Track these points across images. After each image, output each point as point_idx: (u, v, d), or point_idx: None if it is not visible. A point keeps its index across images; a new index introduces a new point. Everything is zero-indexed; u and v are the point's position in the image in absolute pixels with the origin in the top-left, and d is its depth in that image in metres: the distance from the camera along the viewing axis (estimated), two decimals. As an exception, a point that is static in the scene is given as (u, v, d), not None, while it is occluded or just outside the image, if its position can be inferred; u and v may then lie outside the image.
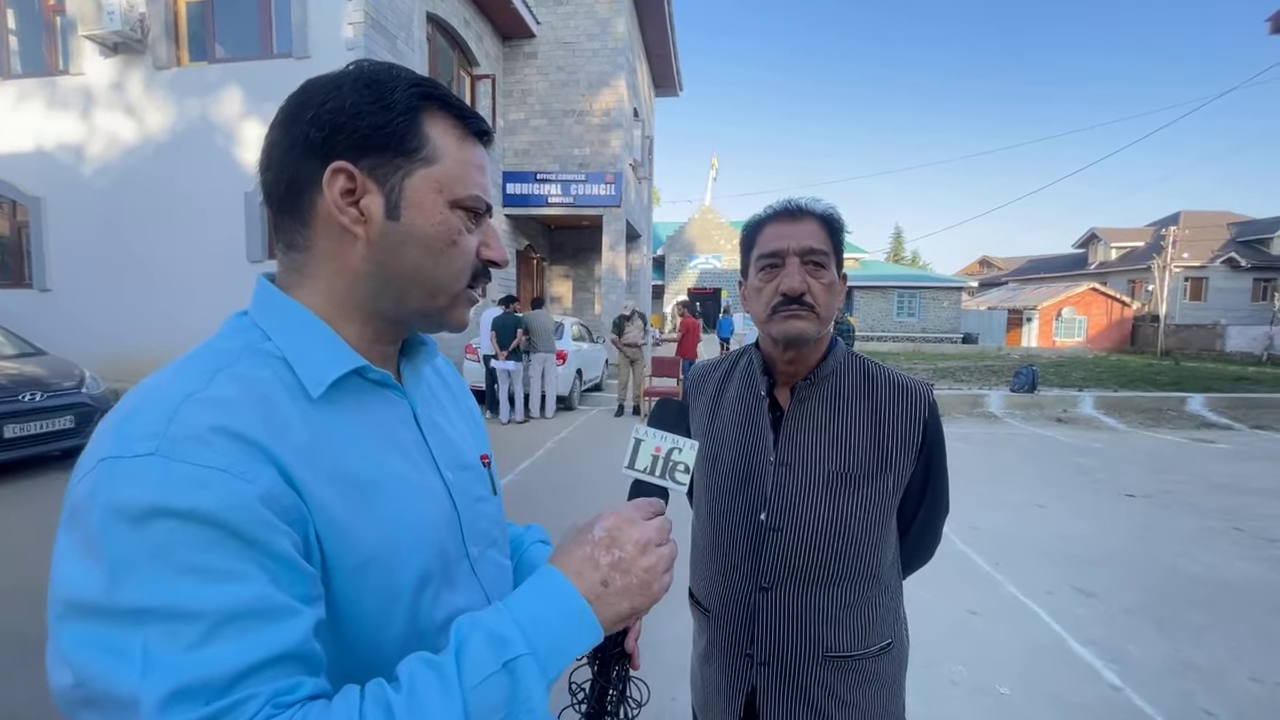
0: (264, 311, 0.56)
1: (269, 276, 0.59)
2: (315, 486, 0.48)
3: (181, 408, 0.44)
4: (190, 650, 0.37)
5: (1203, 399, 9.98)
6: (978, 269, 45.32)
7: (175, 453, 0.42)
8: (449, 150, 0.56)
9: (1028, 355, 19.81)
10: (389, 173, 0.54)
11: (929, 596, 3.13)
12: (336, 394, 0.54)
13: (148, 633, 0.37)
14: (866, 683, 0.98)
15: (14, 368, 5.27)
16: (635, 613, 0.54)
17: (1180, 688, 2.44)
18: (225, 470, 0.42)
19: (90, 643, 0.38)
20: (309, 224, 0.55)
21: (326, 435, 0.51)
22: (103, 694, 0.37)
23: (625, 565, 0.53)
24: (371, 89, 0.54)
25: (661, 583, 0.55)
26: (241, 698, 0.38)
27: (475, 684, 0.44)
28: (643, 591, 0.53)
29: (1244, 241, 27.76)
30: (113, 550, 0.39)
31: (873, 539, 0.97)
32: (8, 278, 9.52)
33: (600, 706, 0.63)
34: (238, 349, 0.53)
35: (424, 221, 0.55)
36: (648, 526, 0.56)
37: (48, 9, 9.00)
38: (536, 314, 8.35)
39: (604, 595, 0.52)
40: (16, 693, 2.23)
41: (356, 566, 0.50)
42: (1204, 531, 4.30)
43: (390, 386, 0.60)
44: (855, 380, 1.02)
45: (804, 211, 0.97)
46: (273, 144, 0.56)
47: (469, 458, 0.67)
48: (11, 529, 3.88)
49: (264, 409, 0.48)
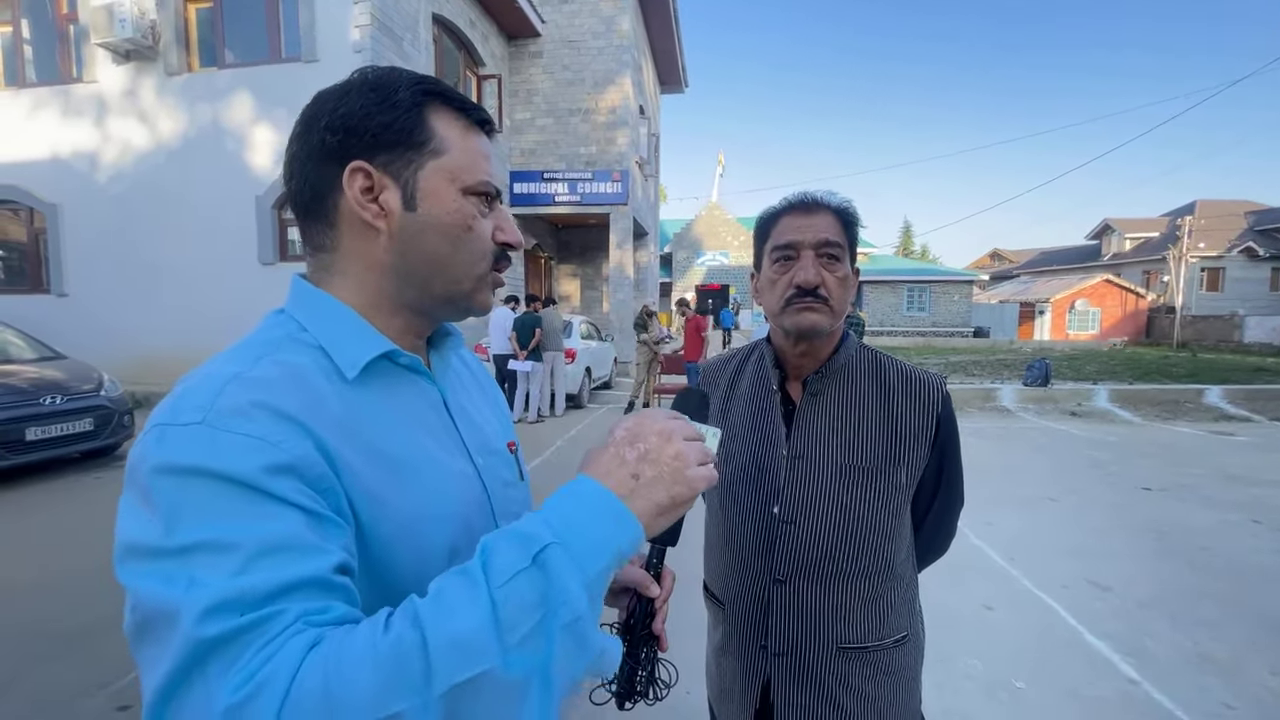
0: (299, 306, 0.60)
1: (301, 276, 0.63)
2: (350, 458, 0.51)
3: (228, 386, 0.48)
4: (230, 576, 0.41)
5: (1220, 391, 9.83)
6: (988, 262, 44.87)
7: (219, 423, 0.46)
8: (455, 141, 0.60)
9: (1040, 349, 19.60)
10: (402, 167, 0.57)
11: (943, 591, 3.12)
12: (369, 378, 0.57)
13: (194, 563, 0.41)
14: (882, 674, 0.98)
15: (35, 372, 5.37)
16: (675, 502, 0.52)
17: (1198, 681, 2.42)
18: (263, 439, 0.46)
19: (145, 575, 0.42)
20: (334, 224, 0.59)
21: (361, 414, 0.54)
22: (152, 613, 0.41)
23: (652, 456, 0.52)
24: (377, 91, 0.58)
25: (696, 473, 0.53)
26: (272, 612, 0.40)
27: (503, 582, 0.42)
28: (677, 479, 0.52)
29: (1262, 230, 27.26)
30: (164, 500, 0.43)
31: (886, 532, 0.97)
32: (26, 283, 9.69)
33: (630, 686, 0.64)
34: (279, 339, 0.56)
35: (440, 209, 0.59)
36: (671, 421, 0.56)
37: (61, 18, 9.13)
38: (546, 312, 8.38)
39: (636, 489, 0.50)
40: (47, 683, 2.29)
41: (391, 534, 0.52)
42: (1222, 524, 4.24)
43: (420, 372, 0.63)
44: (867, 373, 1.02)
45: (819, 204, 0.97)
46: (293, 155, 0.60)
47: (497, 444, 0.70)
48: (35, 529, 3.96)
49: (302, 389, 0.51)
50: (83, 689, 2.28)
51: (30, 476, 4.98)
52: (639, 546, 0.50)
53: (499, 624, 0.41)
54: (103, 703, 2.21)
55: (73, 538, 3.78)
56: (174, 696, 0.39)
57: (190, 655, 0.38)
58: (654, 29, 14.87)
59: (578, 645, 0.44)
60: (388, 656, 0.39)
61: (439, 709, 0.39)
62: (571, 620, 0.43)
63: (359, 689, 0.38)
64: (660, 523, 0.52)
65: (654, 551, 0.67)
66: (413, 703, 0.38)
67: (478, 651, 0.40)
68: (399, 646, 0.40)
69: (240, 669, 0.38)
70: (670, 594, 0.68)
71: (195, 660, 0.38)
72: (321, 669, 0.38)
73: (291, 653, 0.39)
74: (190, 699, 0.38)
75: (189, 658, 0.38)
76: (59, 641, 2.59)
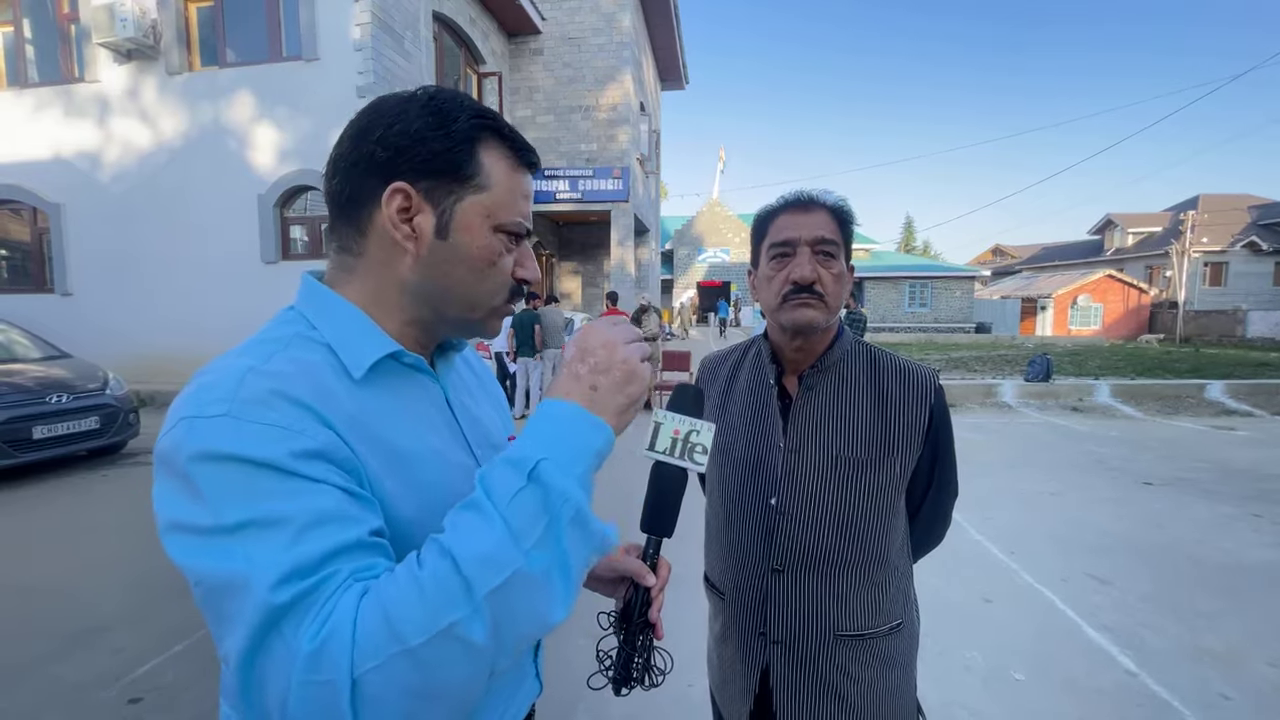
0: (309, 304, 0.62)
1: (315, 274, 0.65)
2: (362, 451, 0.54)
3: (246, 378, 0.51)
4: (284, 549, 0.46)
5: (1223, 386, 9.82)
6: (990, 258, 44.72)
7: (243, 413, 0.49)
8: (500, 179, 0.61)
9: (1042, 344, 19.57)
10: (443, 196, 0.59)
11: (943, 584, 3.14)
12: (375, 377, 0.59)
13: (248, 539, 0.46)
14: (877, 661, 1.00)
15: (41, 370, 5.41)
16: (634, 401, 0.58)
17: (1197, 673, 2.43)
18: (287, 428, 0.49)
19: (200, 553, 0.47)
20: (365, 233, 0.61)
21: (369, 410, 0.57)
22: (218, 586, 0.46)
23: (603, 366, 0.57)
24: (436, 115, 0.59)
25: (644, 369, 0.59)
26: (330, 573, 0.46)
27: (507, 501, 0.48)
28: (631, 380, 0.58)
29: (1265, 225, 27.15)
30: (207, 485, 0.47)
31: (881, 522, 1.00)
32: (30, 283, 9.74)
33: (626, 672, 0.66)
34: (289, 336, 0.58)
35: (470, 243, 0.61)
36: (613, 329, 0.60)
37: (62, 18, 9.15)
38: (547, 310, 8.40)
39: (596, 398, 0.56)
40: (58, 678, 2.32)
41: (399, 527, 0.55)
42: (1222, 518, 4.26)
43: (423, 371, 0.65)
44: (862, 367, 1.04)
45: (815, 202, 1.00)
46: (340, 155, 0.61)
47: (497, 438, 0.73)
48: (42, 526, 3.99)
49: (315, 383, 0.54)
50: (94, 683, 2.31)
51: (37, 474, 5.02)
52: (613, 445, 0.56)
53: (514, 534, 0.47)
54: (114, 695, 2.25)
55: (80, 535, 3.82)
56: (259, 652, 0.45)
57: (266, 619, 0.44)
58: (654, 25, 14.84)
59: (583, 532, 0.50)
60: (430, 583, 0.45)
61: (485, 611, 0.46)
62: (574, 514, 0.50)
63: (414, 613, 0.44)
64: (624, 420, 0.57)
65: (650, 542, 0.69)
66: (463, 612, 0.45)
67: (502, 560, 0.47)
68: (437, 573, 0.46)
69: (310, 623, 0.44)
70: (666, 583, 0.70)
71: (271, 623, 0.44)
72: (378, 607, 0.45)
73: (348, 602, 0.45)
74: (273, 654, 0.44)
75: (265, 622, 0.44)
76: (68, 637, 2.63)
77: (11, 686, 2.28)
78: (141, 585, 3.12)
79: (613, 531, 0.53)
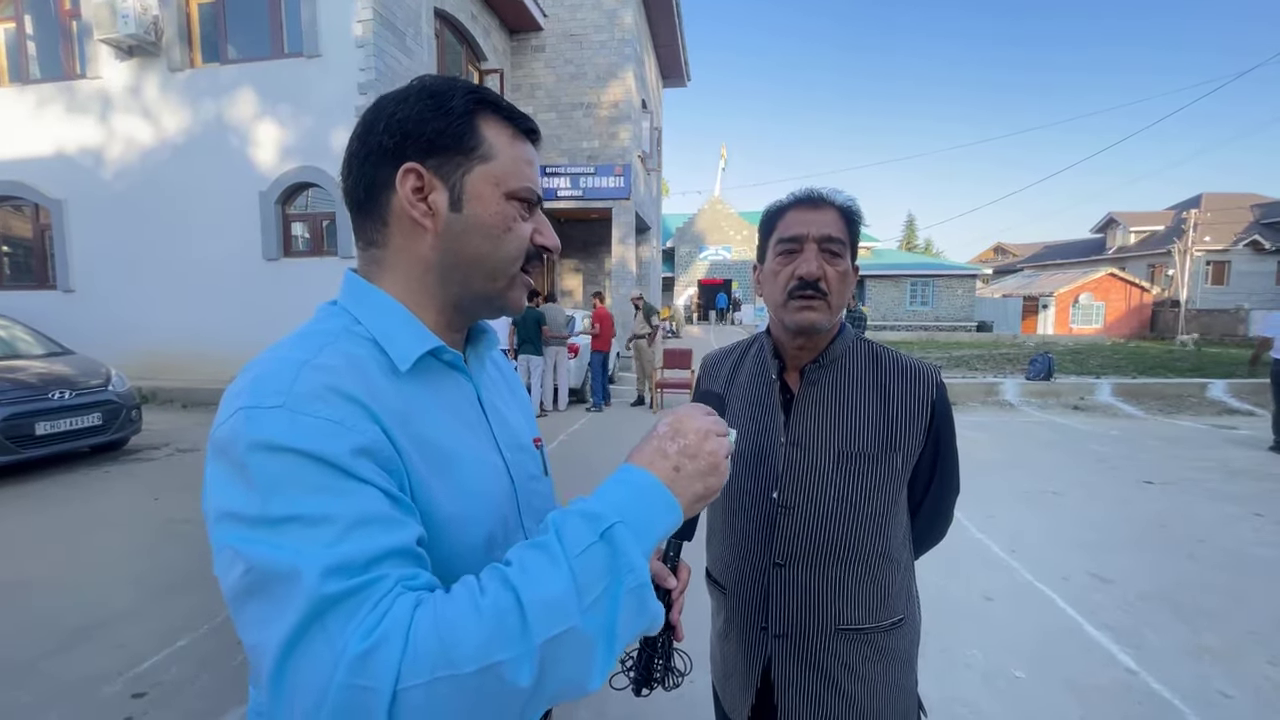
0: (352, 299, 0.63)
1: (353, 271, 0.66)
2: (407, 447, 0.55)
3: (301, 371, 0.52)
4: (329, 545, 0.46)
5: (1224, 385, 9.81)
6: (992, 256, 44.66)
7: (299, 406, 0.49)
8: (502, 148, 0.63)
9: (1044, 343, 19.54)
10: (451, 170, 0.62)
11: (944, 581, 3.14)
12: (416, 372, 0.61)
13: (296, 532, 0.46)
14: (879, 656, 1.01)
15: (43, 367, 5.42)
16: (709, 493, 0.58)
17: (1197, 671, 2.44)
18: (340, 423, 0.50)
19: (253, 541, 0.46)
20: (386, 222, 0.63)
21: (412, 405, 0.58)
22: (268, 574, 0.45)
23: (691, 451, 0.58)
24: (434, 98, 0.62)
25: (725, 466, 0.60)
26: (378, 575, 0.46)
27: (578, 553, 0.48)
28: (712, 473, 0.58)
29: (1268, 224, 27.06)
30: (261, 475, 0.47)
31: (882, 517, 1.00)
32: (33, 279, 9.75)
33: (647, 674, 0.67)
34: (336, 330, 0.60)
35: (483, 211, 0.62)
36: (706, 418, 0.62)
37: (64, 14, 9.15)
38: (548, 308, 8.42)
39: (677, 479, 0.56)
40: (63, 673, 2.33)
41: (436, 525, 0.56)
42: (1223, 517, 4.26)
43: (460, 369, 0.67)
44: (863, 363, 1.04)
45: (825, 201, 1.01)
46: (352, 154, 0.64)
47: (524, 439, 0.74)
48: (45, 522, 4.01)
49: (364, 377, 0.55)
50: (97, 678, 2.33)
51: (40, 470, 5.04)
52: (676, 529, 0.56)
53: (578, 588, 0.47)
54: (119, 689, 2.26)
55: (82, 531, 3.83)
56: (298, 644, 0.44)
57: (313, 610, 0.44)
58: (656, 22, 14.80)
59: (639, 606, 0.50)
60: (490, 614, 0.45)
61: (536, 658, 0.45)
62: (636, 585, 0.49)
63: (468, 641, 0.44)
64: (695, 508, 0.58)
65: (671, 545, 0.70)
66: (515, 653, 0.44)
67: (563, 611, 0.46)
68: (499, 605, 0.45)
69: (360, 622, 0.43)
70: (686, 586, 0.71)
71: (316, 614, 0.44)
72: (433, 624, 0.44)
73: (402, 611, 0.44)
74: (313, 648, 0.43)
75: (311, 612, 0.44)
76: (71, 632, 2.64)
77: (15, 682, 2.29)
78: (144, 581, 3.13)
79: (662, 611, 0.53)
